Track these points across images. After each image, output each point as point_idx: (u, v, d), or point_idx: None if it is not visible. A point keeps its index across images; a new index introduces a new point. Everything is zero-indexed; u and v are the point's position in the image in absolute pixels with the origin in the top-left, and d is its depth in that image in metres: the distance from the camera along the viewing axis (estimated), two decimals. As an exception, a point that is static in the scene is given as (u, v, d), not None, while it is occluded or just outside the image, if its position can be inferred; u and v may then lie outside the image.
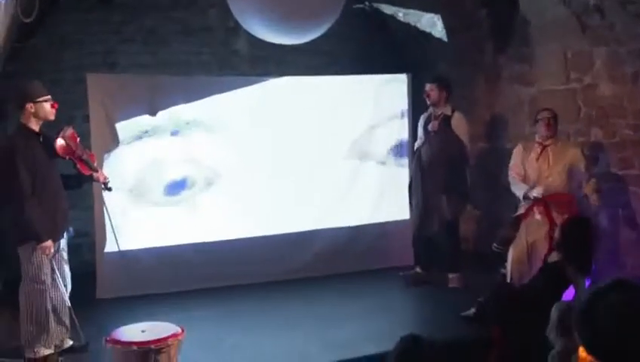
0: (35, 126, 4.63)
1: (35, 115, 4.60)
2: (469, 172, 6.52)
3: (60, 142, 4.72)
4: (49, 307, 4.64)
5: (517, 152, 5.76)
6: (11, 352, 4.53)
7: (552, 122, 5.52)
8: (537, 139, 5.62)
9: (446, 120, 6.33)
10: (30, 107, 4.57)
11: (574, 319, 1.95)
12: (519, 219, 5.61)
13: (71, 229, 4.92)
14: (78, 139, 4.92)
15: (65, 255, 4.89)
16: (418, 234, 6.64)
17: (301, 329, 5.43)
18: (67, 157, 4.82)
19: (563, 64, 6.25)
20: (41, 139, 4.68)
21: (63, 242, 4.88)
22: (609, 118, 5.85)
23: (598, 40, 5.80)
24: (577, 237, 4.43)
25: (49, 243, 4.59)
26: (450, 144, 6.31)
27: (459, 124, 6.33)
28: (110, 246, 6.27)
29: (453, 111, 6.38)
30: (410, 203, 6.73)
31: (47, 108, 4.64)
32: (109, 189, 5.25)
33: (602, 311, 1.87)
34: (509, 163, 5.83)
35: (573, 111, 5.95)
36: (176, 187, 6.57)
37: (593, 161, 5.81)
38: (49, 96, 4.67)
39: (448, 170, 6.31)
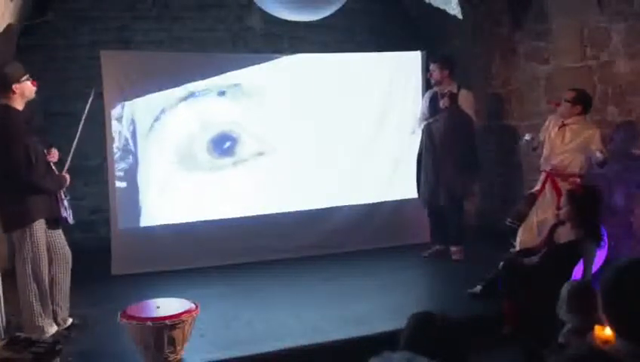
0: (20, 106, 4.57)
1: (22, 95, 4.56)
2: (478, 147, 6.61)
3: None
4: (47, 288, 4.64)
5: (546, 123, 5.78)
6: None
7: (569, 104, 5.49)
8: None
9: (453, 97, 6.40)
10: (16, 88, 4.51)
11: (601, 294, 1.94)
12: (534, 196, 5.62)
13: (70, 214, 4.82)
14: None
15: (61, 232, 4.84)
16: (428, 208, 6.73)
17: (316, 305, 5.45)
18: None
19: (579, 41, 6.18)
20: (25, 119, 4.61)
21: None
22: (625, 96, 5.78)
23: (617, 15, 5.71)
24: (585, 202, 4.56)
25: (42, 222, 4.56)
26: (459, 120, 6.38)
27: (465, 100, 6.43)
28: (125, 223, 6.31)
29: (459, 89, 6.46)
30: (418, 180, 6.74)
31: (30, 86, 4.61)
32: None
33: (629, 283, 1.86)
34: (521, 140, 5.83)
35: (588, 88, 5.87)
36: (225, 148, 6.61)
37: (608, 139, 5.78)
38: (28, 75, 4.62)
39: (460, 146, 6.39)
